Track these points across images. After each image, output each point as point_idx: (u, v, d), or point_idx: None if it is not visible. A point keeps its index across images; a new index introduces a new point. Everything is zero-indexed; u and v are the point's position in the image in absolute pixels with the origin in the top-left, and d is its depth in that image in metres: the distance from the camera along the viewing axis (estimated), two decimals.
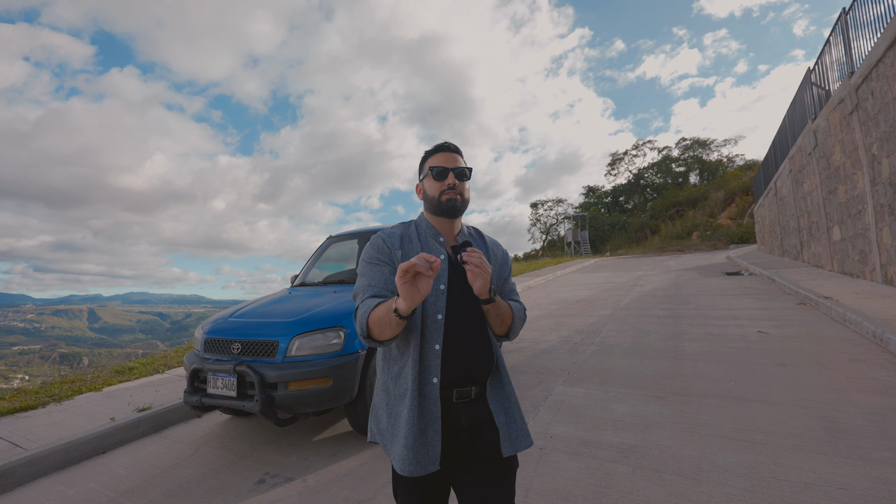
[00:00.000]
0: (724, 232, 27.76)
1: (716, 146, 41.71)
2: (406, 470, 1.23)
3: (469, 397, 1.33)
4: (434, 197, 1.39)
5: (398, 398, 1.32)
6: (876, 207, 6.99)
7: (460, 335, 1.33)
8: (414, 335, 1.30)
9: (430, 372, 1.29)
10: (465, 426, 1.32)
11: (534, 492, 2.42)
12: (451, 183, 1.38)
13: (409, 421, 1.26)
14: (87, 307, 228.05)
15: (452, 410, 1.31)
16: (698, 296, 8.60)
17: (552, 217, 47.41)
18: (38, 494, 2.93)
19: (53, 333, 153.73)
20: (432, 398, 1.28)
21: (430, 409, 1.28)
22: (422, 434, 1.26)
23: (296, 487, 2.73)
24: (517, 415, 1.37)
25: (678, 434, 2.94)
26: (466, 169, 1.41)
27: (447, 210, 1.38)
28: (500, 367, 1.41)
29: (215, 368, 3.13)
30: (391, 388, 1.34)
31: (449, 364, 1.31)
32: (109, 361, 8.27)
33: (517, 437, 1.34)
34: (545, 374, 4.49)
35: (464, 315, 1.35)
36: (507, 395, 1.39)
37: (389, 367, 1.36)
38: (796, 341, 4.88)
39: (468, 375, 1.33)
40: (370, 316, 1.23)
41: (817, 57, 9.52)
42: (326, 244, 5.07)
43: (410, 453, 1.23)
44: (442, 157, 1.41)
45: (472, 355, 1.34)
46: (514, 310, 1.40)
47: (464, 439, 1.33)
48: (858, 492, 2.17)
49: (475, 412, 1.34)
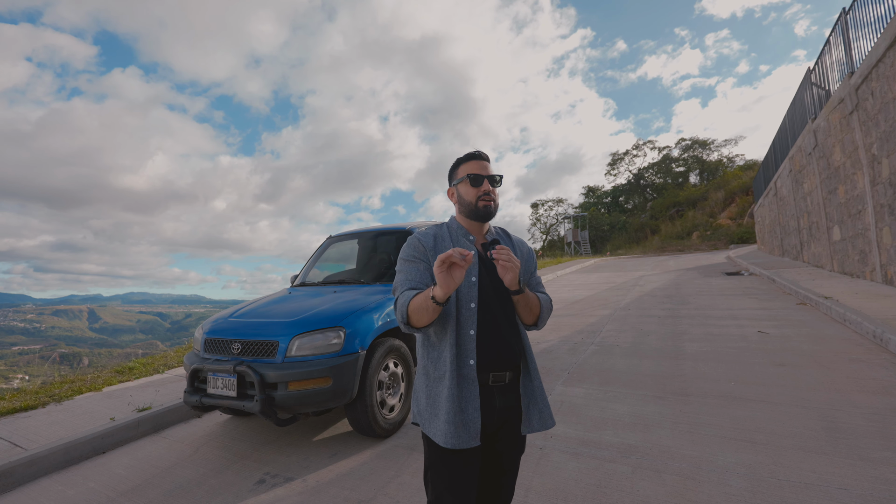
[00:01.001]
0: (724, 232, 27.76)
1: (716, 146, 41.73)
2: (449, 443, 1.36)
3: (504, 381, 1.47)
4: (471, 202, 1.53)
5: (437, 380, 1.45)
6: (876, 207, 6.99)
7: (492, 322, 1.47)
8: (451, 322, 1.44)
9: (467, 354, 1.43)
10: (498, 407, 1.46)
11: (534, 492, 2.42)
12: (486, 189, 1.52)
13: (449, 399, 1.39)
14: (87, 307, 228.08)
15: (488, 392, 1.45)
16: (698, 296, 8.60)
17: (552, 217, 47.43)
18: (38, 494, 2.93)
19: (53, 333, 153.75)
20: (470, 378, 1.42)
21: (470, 389, 1.42)
22: (462, 411, 1.40)
23: (296, 487, 2.73)
24: (540, 399, 1.53)
25: (678, 434, 2.94)
26: (498, 176, 1.56)
27: (483, 215, 1.53)
28: (527, 355, 1.54)
29: (215, 368, 3.13)
30: (431, 372, 1.48)
31: (483, 347, 1.45)
32: (109, 361, 8.27)
33: (538, 419, 1.50)
34: (545, 374, 4.49)
35: (494, 304, 1.49)
36: (533, 380, 1.53)
37: (429, 352, 1.50)
38: (796, 341, 4.88)
39: (502, 359, 1.47)
40: (409, 304, 1.38)
41: (817, 57, 9.52)
42: (326, 244, 5.07)
43: (452, 428, 1.37)
44: (476, 164, 1.55)
45: (503, 340, 1.48)
46: (542, 301, 1.54)
47: (497, 419, 1.47)
48: (858, 492, 2.17)
49: (508, 395, 1.49)
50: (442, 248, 1.52)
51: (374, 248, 4.69)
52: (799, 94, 11.29)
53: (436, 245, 1.53)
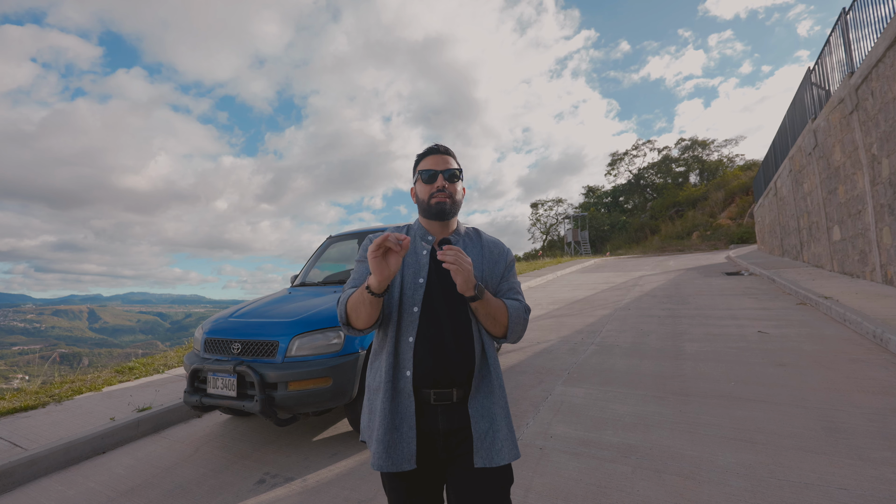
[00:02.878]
0: (724, 232, 27.76)
1: (716, 146, 41.74)
2: (376, 464, 1.24)
3: (450, 400, 1.29)
4: (424, 200, 1.38)
5: (375, 392, 1.34)
6: (876, 207, 6.99)
7: (436, 330, 1.31)
8: (391, 327, 1.32)
9: (404, 365, 1.28)
10: (441, 430, 1.29)
11: (534, 492, 2.41)
12: (440, 186, 1.36)
13: (381, 414, 1.27)
14: (87, 307, 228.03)
15: (430, 412, 1.29)
16: (698, 296, 8.60)
17: (552, 217, 47.45)
18: (38, 494, 2.93)
19: (53, 333, 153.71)
20: (406, 392, 1.27)
21: (405, 404, 1.27)
22: (396, 430, 1.25)
23: (296, 487, 2.73)
24: (502, 424, 1.30)
25: (678, 434, 2.94)
26: (456, 170, 1.39)
27: (436, 213, 1.37)
28: (489, 370, 1.34)
29: (215, 368, 3.13)
30: (370, 383, 1.37)
31: (422, 358, 1.28)
32: (109, 361, 8.26)
33: (498, 448, 1.27)
34: (545, 374, 4.49)
35: (441, 311, 1.32)
36: (494, 401, 1.32)
37: (371, 362, 1.39)
38: (796, 341, 4.88)
39: (445, 374, 1.29)
40: (348, 301, 1.29)
41: (817, 57, 9.52)
42: (326, 244, 5.07)
43: (381, 447, 1.24)
44: (432, 160, 1.39)
45: (447, 352, 1.30)
46: (510, 308, 1.33)
47: (441, 444, 1.29)
48: (858, 492, 2.17)
49: (455, 417, 1.29)
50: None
51: None
52: (799, 94, 11.29)
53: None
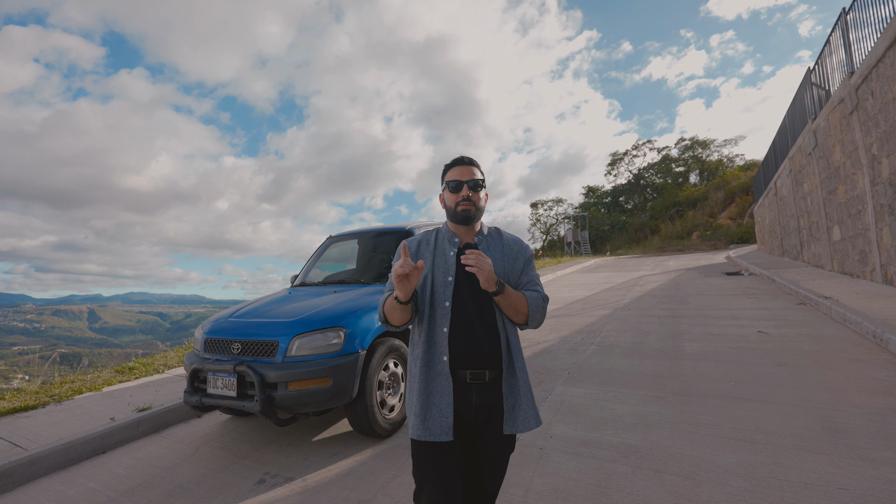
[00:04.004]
0: (724, 232, 27.76)
1: (716, 146, 41.73)
2: (415, 434, 1.46)
3: (483, 380, 1.51)
4: (451, 208, 1.60)
5: (414, 375, 1.54)
6: (876, 207, 6.99)
7: (467, 321, 1.53)
8: (427, 320, 1.55)
9: (441, 351, 1.50)
10: (475, 404, 1.50)
11: (534, 492, 2.42)
12: (465, 195, 1.58)
13: (418, 393, 1.49)
14: (87, 307, 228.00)
15: (465, 389, 1.50)
16: (698, 296, 8.59)
17: (552, 217, 47.44)
18: (38, 494, 2.93)
19: (53, 333, 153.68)
20: (444, 374, 1.49)
21: (443, 385, 1.48)
22: (430, 406, 1.47)
23: (296, 487, 2.73)
24: (525, 399, 1.53)
25: (678, 434, 2.94)
26: (480, 180, 1.60)
27: (462, 219, 1.59)
28: (513, 355, 1.55)
29: (215, 368, 3.13)
30: (412, 367, 1.58)
31: (456, 344, 1.51)
32: (109, 361, 8.26)
33: (522, 419, 1.51)
34: (545, 374, 4.49)
35: (469, 304, 1.54)
36: (518, 380, 1.54)
37: (412, 350, 1.61)
38: (796, 341, 4.88)
39: (477, 357, 1.51)
40: (385, 304, 1.53)
41: (817, 57, 9.52)
42: (326, 244, 5.07)
43: (419, 420, 1.46)
44: (458, 170, 1.61)
45: (477, 339, 1.52)
46: (530, 299, 1.55)
47: (473, 416, 1.51)
48: (858, 492, 2.17)
49: (487, 394, 1.52)
50: (423, 253, 1.63)
51: (374, 248, 4.69)
52: (799, 94, 11.29)
53: (418, 250, 1.65)
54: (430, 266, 1.60)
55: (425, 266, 1.58)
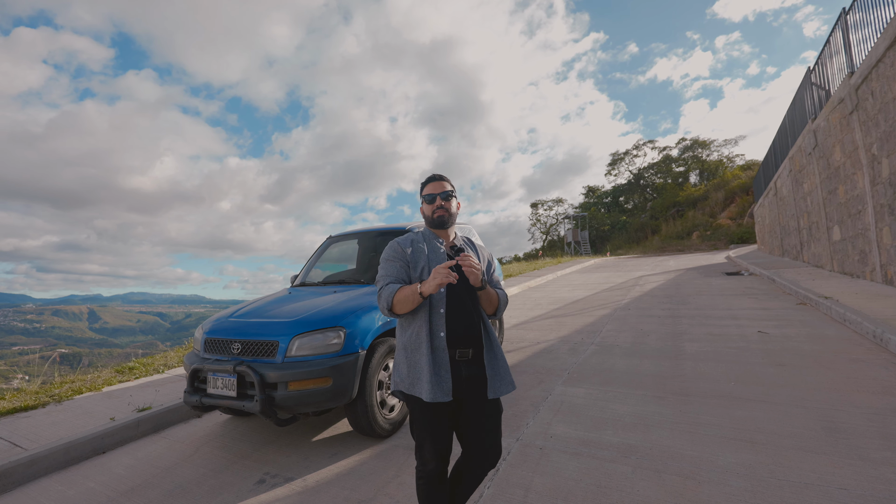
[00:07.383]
0: (724, 232, 27.76)
1: (716, 146, 41.73)
2: (430, 397, 1.72)
3: (468, 357, 1.84)
4: (429, 216, 1.97)
5: (415, 350, 1.82)
6: (876, 207, 6.99)
7: (458, 304, 1.86)
8: (425, 304, 1.83)
9: (439, 328, 1.81)
10: (464, 376, 1.83)
11: (534, 491, 2.41)
12: (439, 204, 1.94)
13: (428, 363, 1.76)
14: (87, 307, 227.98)
15: (455, 365, 1.82)
16: (698, 296, 8.59)
17: (552, 217, 47.45)
18: (38, 494, 2.93)
19: (53, 333, 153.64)
20: (442, 348, 1.80)
21: (441, 357, 1.79)
22: (438, 374, 1.77)
23: (296, 487, 2.73)
24: (502, 370, 1.88)
25: (678, 434, 2.94)
26: (450, 191, 1.97)
27: (438, 223, 1.96)
28: (490, 335, 1.89)
29: (215, 368, 3.13)
30: (409, 345, 1.85)
31: (451, 323, 1.82)
32: (109, 361, 8.26)
33: (500, 385, 1.85)
34: (545, 374, 4.49)
35: (460, 292, 1.88)
36: (495, 355, 1.88)
37: (405, 330, 1.88)
38: (796, 341, 4.88)
39: (467, 335, 1.85)
40: (395, 296, 1.79)
41: (817, 57, 9.52)
42: (326, 244, 5.07)
43: (431, 386, 1.74)
44: (432, 185, 1.97)
45: (468, 317, 1.87)
46: (500, 296, 1.98)
47: (463, 386, 1.83)
48: (858, 492, 2.17)
49: (472, 367, 1.85)
50: (416, 252, 1.92)
51: (374, 248, 4.69)
52: (799, 95, 11.28)
53: (413, 248, 1.93)
54: (426, 259, 1.91)
55: (423, 258, 1.90)
